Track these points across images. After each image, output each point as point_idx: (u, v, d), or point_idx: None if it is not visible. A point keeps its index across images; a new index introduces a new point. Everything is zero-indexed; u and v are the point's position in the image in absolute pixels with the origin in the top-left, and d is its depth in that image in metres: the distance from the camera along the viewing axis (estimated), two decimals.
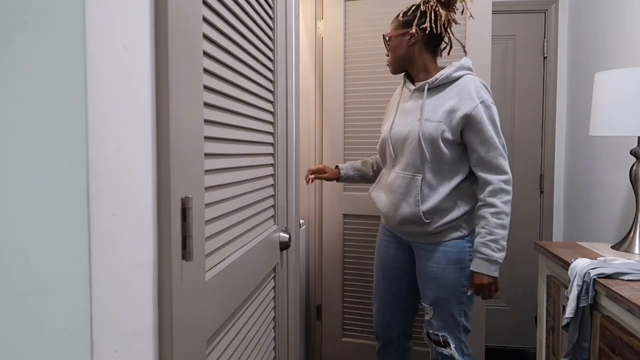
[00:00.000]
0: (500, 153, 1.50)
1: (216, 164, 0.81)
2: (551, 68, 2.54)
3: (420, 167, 1.54)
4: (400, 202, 1.59)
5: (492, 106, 1.52)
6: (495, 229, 1.47)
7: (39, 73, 0.45)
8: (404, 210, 1.58)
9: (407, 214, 1.57)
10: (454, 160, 1.54)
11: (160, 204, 0.62)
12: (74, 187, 0.47)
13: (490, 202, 1.49)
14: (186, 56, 0.66)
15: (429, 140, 1.52)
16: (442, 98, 1.54)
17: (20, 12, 0.44)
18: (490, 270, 1.47)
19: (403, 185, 1.58)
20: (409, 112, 1.61)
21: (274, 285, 1.25)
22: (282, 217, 1.32)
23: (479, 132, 1.50)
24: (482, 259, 1.48)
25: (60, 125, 0.46)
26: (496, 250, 1.46)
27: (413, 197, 1.55)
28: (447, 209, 1.55)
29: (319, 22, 2.28)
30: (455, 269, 1.55)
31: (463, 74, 1.56)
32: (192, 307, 0.69)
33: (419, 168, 1.55)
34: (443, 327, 1.59)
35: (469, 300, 1.58)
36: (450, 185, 1.54)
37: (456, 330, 1.59)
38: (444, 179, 1.55)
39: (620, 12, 1.93)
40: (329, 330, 2.35)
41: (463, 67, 1.56)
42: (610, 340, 1.20)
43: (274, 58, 1.19)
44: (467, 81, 1.53)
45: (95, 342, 0.49)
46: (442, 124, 1.51)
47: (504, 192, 1.49)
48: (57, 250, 0.46)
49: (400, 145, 1.60)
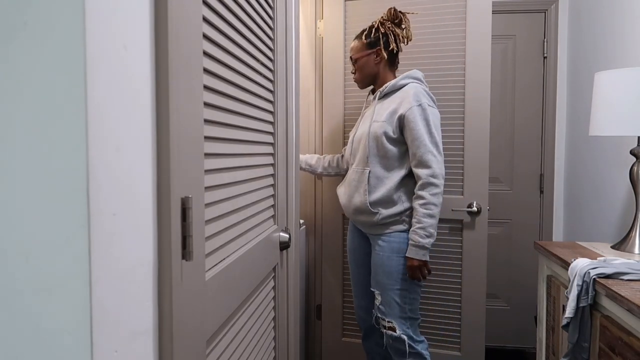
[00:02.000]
0: (428, 149, 1.70)
1: (216, 164, 0.81)
2: (551, 68, 2.54)
3: (368, 162, 1.79)
4: (353, 193, 1.83)
5: (428, 109, 1.73)
6: (423, 217, 1.69)
7: (39, 73, 0.45)
8: (356, 200, 1.82)
9: (357, 204, 1.81)
10: (397, 156, 1.77)
11: (160, 203, 0.62)
12: (74, 187, 0.47)
13: (420, 195, 1.71)
14: (186, 56, 0.66)
15: (374, 137, 1.78)
16: (388, 102, 1.81)
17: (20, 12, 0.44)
18: (419, 254, 1.70)
19: (356, 178, 1.83)
20: (367, 117, 1.87)
21: (274, 285, 1.25)
22: (282, 217, 1.32)
23: (411, 131, 1.72)
24: (412, 245, 1.71)
25: (60, 125, 0.46)
26: (424, 236, 1.69)
27: (362, 188, 1.80)
28: (391, 202, 1.77)
29: (319, 22, 2.28)
30: (397, 258, 1.76)
31: (408, 82, 1.81)
32: (192, 307, 0.69)
33: (367, 162, 1.80)
34: (389, 313, 1.78)
35: (412, 288, 1.77)
36: (394, 179, 1.77)
37: (400, 316, 1.77)
38: (390, 173, 1.78)
39: (620, 12, 1.93)
40: (329, 330, 2.35)
41: (410, 77, 1.82)
42: (610, 340, 1.20)
43: (274, 58, 1.19)
44: (410, 87, 1.78)
45: (95, 342, 0.49)
46: (385, 124, 1.76)
47: (432, 185, 1.70)
48: (57, 250, 0.46)
49: (357, 145, 1.86)
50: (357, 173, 1.82)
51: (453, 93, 2.08)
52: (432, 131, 1.72)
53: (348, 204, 1.86)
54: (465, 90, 2.05)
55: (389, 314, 1.78)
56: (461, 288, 2.10)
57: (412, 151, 1.74)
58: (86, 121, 0.47)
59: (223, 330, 0.86)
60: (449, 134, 2.08)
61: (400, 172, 1.77)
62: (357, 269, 1.99)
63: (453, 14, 2.06)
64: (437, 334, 2.16)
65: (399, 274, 1.76)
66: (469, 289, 2.09)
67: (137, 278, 0.57)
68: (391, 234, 1.79)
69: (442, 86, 2.09)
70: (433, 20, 2.08)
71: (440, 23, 2.08)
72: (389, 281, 1.77)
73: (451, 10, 2.06)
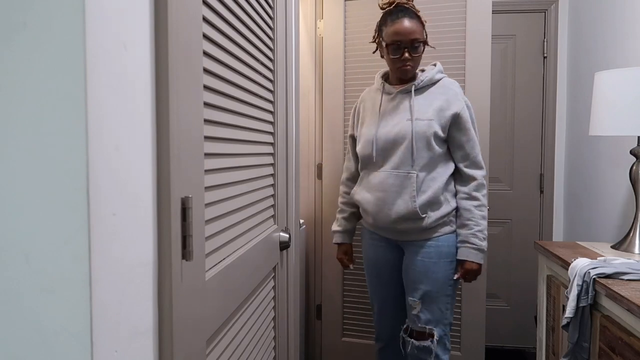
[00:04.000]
0: (479, 150, 1.67)
1: (216, 164, 0.81)
2: (551, 68, 2.54)
3: (414, 164, 1.61)
4: (394, 199, 1.63)
5: (471, 107, 1.68)
6: (481, 220, 1.63)
7: (38, 73, 0.45)
8: (399, 207, 1.62)
9: (402, 211, 1.62)
10: (442, 156, 1.65)
11: (160, 203, 0.62)
12: (73, 187, 0.47)
13: (475, 196, 1.63)
14: (186, 56, 0.66)
15: (422, 137, 1.60)
16: (427, 98, 1.65)
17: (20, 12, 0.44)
18: (478, 258, 1.62)
19: (397, 183, 1.62)
20: (395, 114, 1.67)
21: (274, 285, 1.25)
22: (282, 217, 1.32)
23: (466, 131, 1.63)
24: (472, 248, 1.61)
25: (60, 125, 0.46)
26: (482, 239, 1.63)
27: (408, 194, 1.61)
28: (438, 204, 1.63)
29: (319, 22, 2.28)
30: (445, 263, 1.64)
31: (442, 76, 1.70)
32: (192, 306, 0.69)
33: (413, 164, 1.61)
34: (430, 321, 1.65)
35: (454, 293, 1.68)
36: (441, 180, 1.63)
37: (442, 323, 1.66)
38: (436, 174, 1.64)
39: (620, 12, 1.93)
40: (329, 330, 2.35)
41: (441, 71, 1.72)
42: (610, 340, 1.20)
43: (274, 58, 1.19)
44: (448, 83, 1.68)
45: (95, 342, 0.49)
46: (433, 122, 1.60)
47: (484, 187, 1.66)
48: (57, 250, 0.46)
49: (390, 146, 1.64)
50: (398, 177, 1.62)
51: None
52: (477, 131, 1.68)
53: (386, 212, 1.64)
54: (465, 90, 2.05)
55: (430, 322, 1.64)
56: (461, 288, 2.10)
57: (464, 151, 1.64)
58: (86, 121, 0.47)
59: (223, 330, 0.86)
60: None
61: (446, 172, 1.64)
62: (384, 284, 1.78)
63: (453, 14, 2.06)
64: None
65: (446, 280, 1.64)
66: (468, 289, 2.09)
67: (137, 278, 0.57)
68: (439, 238, 1.64)
69: None
70: (433, 20, 2.08)
71: (440, 23, 2.08)
72: (435, 288, 1.63)
73: (451, 10, 2.06)
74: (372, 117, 1.72)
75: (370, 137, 1.69)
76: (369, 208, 1.68)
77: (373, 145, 1.67)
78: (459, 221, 1.66)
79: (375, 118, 1.71)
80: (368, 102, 1.78)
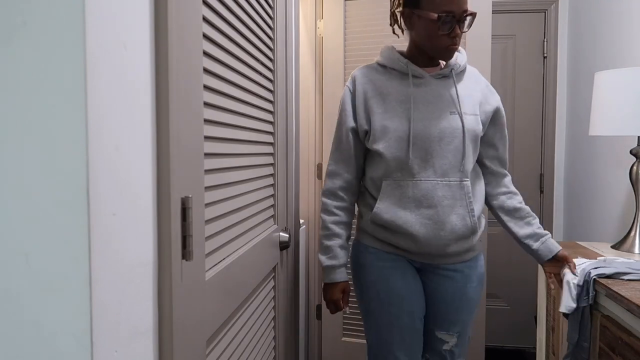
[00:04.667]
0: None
1: (216, 164, 0.81)
2: (551, 68, 2.54)
3: (464, 170, 1.29)
4: (448, 216, 1.27)
5: None
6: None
7: (38, 73, 0.45)
8: (456, 225, 1.27)
9: (459, 229, 1.28)
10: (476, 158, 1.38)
11: (160, 203, 0.62)
12: (73, 186, 0.47)
13: (516, 192, 1.42)
14: (186, 56, 0.66)
15: (473, 136, 1.30)
16: (467, 88, 1.34)
17: (20, 11, 0.44)
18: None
19: (449, 194, 1.27)
20: (432, 105, 1.29)
21: (273, 285, 1.25)
22: (282, 217, 1.32)
23: (501, 128, 1.41)
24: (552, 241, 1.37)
25: (60, 125, 0.46)
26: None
27: (465, 207, 1.28)
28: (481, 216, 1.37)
29: (319, 22, 2.28)
30: (480, 285, 1.39)
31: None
32: (192, 306, 0.69)
33: (464, 171, 1.29)
34: (462, 353, 1.40)
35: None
36: (482, 186, 1.39)
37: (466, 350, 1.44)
38: (479, 180, 1.38)
39: (620, 12, 1.93)
40: (328, 330, 2.35)
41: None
42: (610, 340, 1.20)
43: (274, 58, 1.19)
44: (475, 72, 1.41)
45: (95, 342, 0.49)
46: (478, 118, 1.33)
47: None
48: (57, 250, 0.46)
49: (436, 145, 1.27)
50: (449, 187, 1.27)
51: None
52: None
53: (438, 234, 1.27)
54: None
55: (461, 355, 1.40)
56: None
57: (497, 151, 1.40)
58: (86, 121, 0.47)
59: (223, 330, 0.86)
60: None
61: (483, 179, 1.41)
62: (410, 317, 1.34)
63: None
64: None
65: (477, 305, 1.39)
66: None
67: (137, 278, 0.57)
68: (477, 257, 1.38)
69: None
70: None
71: None
72: (471, 317, 1.38)
73: None
74: (398, 107, 1.29)
75: (404, 133, 1.27)
76: (412, 231, 1.27)
77: (409, 144, 1.26)
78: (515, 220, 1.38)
79: (404, 108, 1.29)
80: (381, 85, 1.33)
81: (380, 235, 1.33)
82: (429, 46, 1.28)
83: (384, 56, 1.37)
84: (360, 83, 1.35)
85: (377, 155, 1.31)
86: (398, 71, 1.34)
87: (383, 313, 1.34)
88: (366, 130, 1.32)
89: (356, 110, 1.34)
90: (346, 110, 1.36)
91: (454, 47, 1.26)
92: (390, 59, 1.35)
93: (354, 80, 1.37)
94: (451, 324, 1.36)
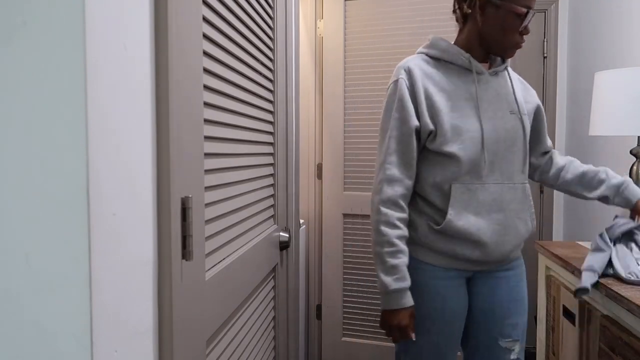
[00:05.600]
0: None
1: (216, 164, 0.81)
2: (551, 68, 2.54)
3: (526, 172, 1.26)
4: (513, 220, 1.21)
5: None
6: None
7: (38, 73, 0.45)
8: (521, 230, 1.22)
9: (522, 233, 1.23)
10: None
11: (160, 203, 0.62)
12: (73, 186, 0.47)
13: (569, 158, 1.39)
14: (186, 56, 0.66)
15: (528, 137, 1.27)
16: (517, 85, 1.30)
17: (20, 11, 0.44)
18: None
19: (516, 198, 1.22)
20: (493, 103, 1.22)
21: (274, 285, 1.25)
22: (282, 217, 1.32)
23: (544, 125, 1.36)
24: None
25: (60, 125, 0.46)
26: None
27: (527, 211, 1.24)
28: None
29: (319, 22, 2.28)
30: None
31: None
32: (192, 306, 0.69)
33: (525, 173, 1.26)
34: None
35: None
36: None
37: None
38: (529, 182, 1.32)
39: (620, 12, 1.93)
40: (329, 330, 2.35)
41: None
42: (610, 340, 1.20)
43: (274, 58, 1.19)
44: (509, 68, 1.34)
45: (95, 342, 0.49)
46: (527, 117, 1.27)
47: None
48: (57, 250, 0.46)
49: (502, 147, 1.20)
50: (515, 191, 1.21)
51: None
52: None
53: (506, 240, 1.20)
54: None
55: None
56: None
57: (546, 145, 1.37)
58: (86, 121, 0.47)
59: (223, 330, 0.86)
60: None
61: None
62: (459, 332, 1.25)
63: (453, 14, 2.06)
64: None
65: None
66: None
67: (137, 278, 0.57)
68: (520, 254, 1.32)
69: None
70: (433, 20, 2.08)
71: (441, 23, 2.08)
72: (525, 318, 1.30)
73: (451, 10, 2.06)
74: (465, 105, 1.20)
75: (477, 133, 1.18)
76: (485, 239, 1.18)
77: (483, 145, 1.18)
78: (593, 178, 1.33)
79: (471, 106, 1.20)
80: (440, 81, 1.21)
81: (440, 246, 1.20)
82: (498, 41, 1.19)
83: (439, 48, 1.24)
84: (419, 77, 1.20)
85: (446, 158, 1.18)
86: (457, 65, 1.23)
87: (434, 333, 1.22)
88: (431, 130, 1.18)
89: (418, 107, 1.20)
90: (407, 107, 1.19)
91: (522, 45, 1.21)
92: (449, 52, 1.22)
93: (409, 73, 1.21)
94: (513, 328, 1.26)
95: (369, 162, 2.23)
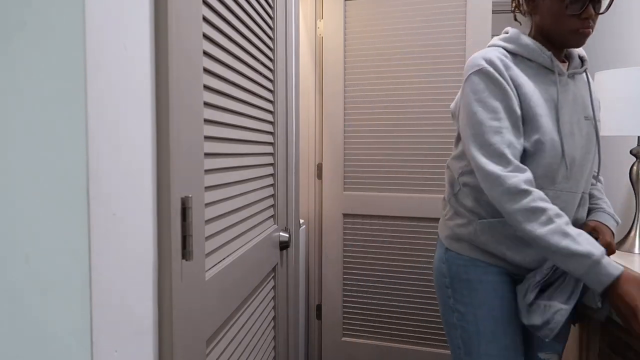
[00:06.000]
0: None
1: (216, 164, 0.81)
2: None
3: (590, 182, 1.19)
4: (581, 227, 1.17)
5: None
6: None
7: (38, 73, 0.45)
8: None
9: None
10: None
11: (160, 203, 0.62)
12: (73, 186, 0.47)
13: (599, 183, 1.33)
14: (186, 56, 0.66)
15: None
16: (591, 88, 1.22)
17: (20, 11, 0.44)
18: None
19: (580, 209, 1.17)
20: (571, 106, 1.14)
21: (273, 284, 1.25)
22: (282, 217, 1.32)
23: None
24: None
25: (60, 125, 0.46)
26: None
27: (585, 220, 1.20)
28: None
29: (319, 22, 2.28)
30: None
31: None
32: (192, 306, 0.69)
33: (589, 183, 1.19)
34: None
35: None
36: None
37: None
38: None
39: (620, 12, 1.93)
40: (328, 330, 2.35)
41: None
42: (610, 340, 1.20)
43: (274, 58, 1.19)
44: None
45: (95, 342, 0.49)
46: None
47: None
48: (57, 250, 0.46)
49: (577, 154, 1.12)
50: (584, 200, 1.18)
51: (453, 93, 2.08)
52: None
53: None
54: None
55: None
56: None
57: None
58: (86, 121, 0.47)
59: (223, 330, 0.86)
60: (450, 134, 2.08)
61: None
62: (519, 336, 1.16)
63: (453, 14, 2.06)
64: (437, 333, 2.16)
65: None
66: None
67: (137, 278, 0.57)
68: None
69: (442, 86, 2.09)
70: (433, 20, 2.08)
71: (440, 23, 2.08)
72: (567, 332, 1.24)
73: (451, 10, 2.06)
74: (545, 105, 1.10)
75: (557, 136, 1.09)
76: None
77: (563, 149, 1.09)
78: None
79: (550, 107, 1.10)
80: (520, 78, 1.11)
81: (492, 247, 1.14)
82: (556, 31, 1.11)
83: (519, 44, 1.14)
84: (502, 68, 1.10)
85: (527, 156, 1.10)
86: (537, 64, 1.14)
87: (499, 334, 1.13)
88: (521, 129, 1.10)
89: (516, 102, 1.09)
90: (510, 97, 1.07)
91: (587, 30, 1.07)
92: (530, 49, 1.13)
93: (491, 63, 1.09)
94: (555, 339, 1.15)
95: (369, 162, 2.23)
